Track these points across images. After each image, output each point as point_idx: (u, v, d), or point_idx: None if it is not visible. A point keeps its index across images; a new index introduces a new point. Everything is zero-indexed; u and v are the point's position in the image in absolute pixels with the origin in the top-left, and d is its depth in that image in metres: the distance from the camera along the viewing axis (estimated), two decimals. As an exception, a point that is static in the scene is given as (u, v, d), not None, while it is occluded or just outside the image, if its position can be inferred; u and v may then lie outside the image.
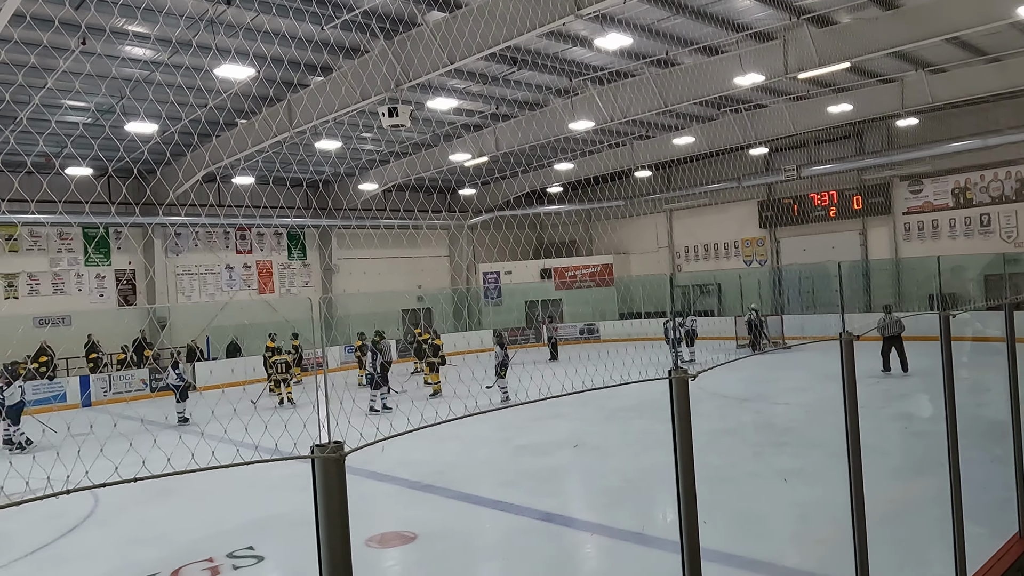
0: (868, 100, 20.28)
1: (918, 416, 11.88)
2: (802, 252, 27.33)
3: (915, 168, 24.42)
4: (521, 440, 11.78)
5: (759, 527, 7.19)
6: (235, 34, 12.72)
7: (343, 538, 1.95)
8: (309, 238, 28.49)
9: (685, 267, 31.24)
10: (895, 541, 6.29)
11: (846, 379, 4.07)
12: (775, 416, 12.57)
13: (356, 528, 1.94)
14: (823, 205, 26.90)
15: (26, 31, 10.66)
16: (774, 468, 9.04)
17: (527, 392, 4.53)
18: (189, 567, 6.97)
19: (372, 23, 13.31)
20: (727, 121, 22.77)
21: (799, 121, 21.79)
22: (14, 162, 19.77)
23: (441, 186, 30.50)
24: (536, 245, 35.03)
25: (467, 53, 13.03)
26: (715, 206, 29.82)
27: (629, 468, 9.65)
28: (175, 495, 9.55)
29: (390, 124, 15.05)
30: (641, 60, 16.76)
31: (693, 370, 3.05)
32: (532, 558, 6.80)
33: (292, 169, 24.52)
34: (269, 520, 8.30)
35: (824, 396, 13.24)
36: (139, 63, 14.11)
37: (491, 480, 9.65)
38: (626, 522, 7.43)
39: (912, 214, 25.15)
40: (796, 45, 15.27)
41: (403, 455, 10.11)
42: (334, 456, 1.95)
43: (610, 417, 13.30)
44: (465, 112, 20.01)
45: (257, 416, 12.94)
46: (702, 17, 14.61)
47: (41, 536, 8.23)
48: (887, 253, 25.59)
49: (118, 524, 8.63)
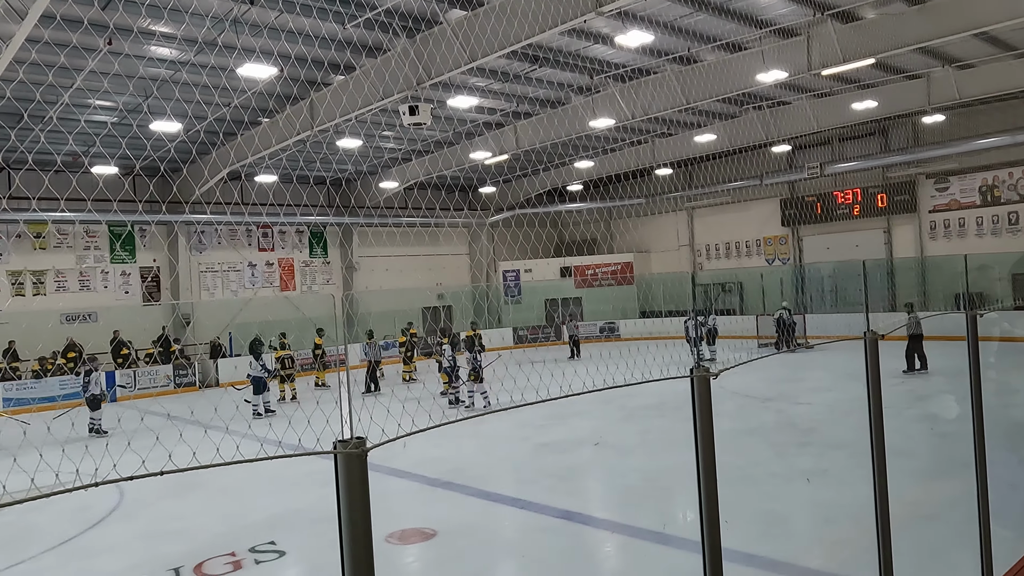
0: (893, 96, 20.00)
1: (944, 417, 11.72)
2: (825, 251, 27.02)
3: (941, 165, 24.05)
4: (541, 438, 11.78)
5: (781, 527, 7.14)
6: (258, 33, 12.84)
7: (365, 533, 1.97)
8: (330, 236, 28.68)
9: (706, 265, 31.04)
10: (920, 543, 6.21)
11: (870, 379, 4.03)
12: (798, 416, 12.46)
13: (376, 524, 1.95)
14: (847, 203, 26.58)
15: (55, 32, 10.82)
16: (796, 468, 8.97)
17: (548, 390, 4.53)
18: (212, 561, 7.06)
19: (394, 21, 13.35)
20: (749, 118, 22.58)
21: (823, 118, 21.55)
22: (44, 161, 20.11)
23: (462, 184, 30.56)
24: (556, 243, 34.98)
25: (488, 51, 13.04)
26: (737, 204, 29.58)
27: (649, 467, 9.62)
28: (199, 489, 9.67)
29: (411, 122, 15.11)
30: (663, 57, 16.67)
31: (715, 368, 3.04)
32: (551, 556, 6.81)
33: (314, 167, 24.70)
34: (291, 515, 8.38)
35: (848, 396, 13.10)
36: (165, 63, 14.27)
37: (510, 478, 9.66)
38: (646, 521, 7.40)
39: (938, 212, 24.78)
40: (820, 41, 15.10)
41: (423, 452, 10.16)
42: (356, 452, 1.96)
43: (631, 416, 13.26)
44: (486, 110, 20.03)
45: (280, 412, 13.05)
46: (724, 13, 14.51)
47: (68, 529, 8.37)
48: (912, 252, 25.24)
49: (143, 518, 8.75)
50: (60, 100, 15.21)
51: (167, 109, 15.75)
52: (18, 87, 12.99)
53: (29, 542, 8.00)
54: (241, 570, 6.85)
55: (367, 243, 28.53)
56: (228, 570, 6.86)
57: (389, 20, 13.25)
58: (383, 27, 13.63)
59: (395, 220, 27.48)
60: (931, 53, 17.22)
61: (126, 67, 13.23)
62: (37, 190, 19.27)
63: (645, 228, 32.60)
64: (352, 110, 15.65)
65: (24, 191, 19.59)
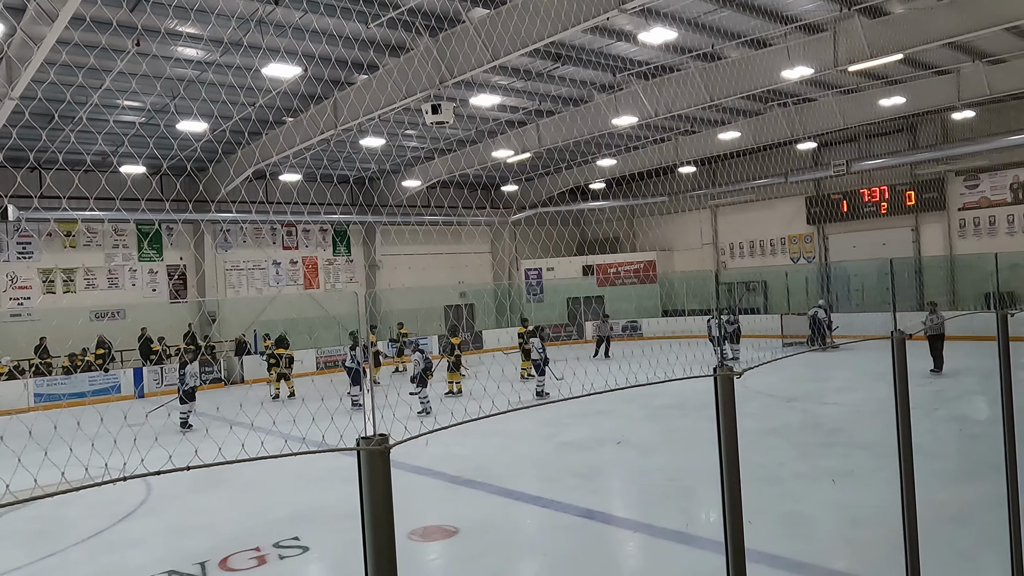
0: (922, 92, 19.69)
1: (973, 418, 11.53)
2: (851, 249, 26.67)
3: (971, 162, 23.62)
4: (563, 437, 11.77)
5: (806, 528, 7.07)
6: (283, 33, 12.95)
7: (388, 530, 1.98)
8: (354, 234, 28.87)
9: (730, 264, 30.78)
10: (948, 546, 6.12)
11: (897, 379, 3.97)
12: (823, 416, 12.33)
13: (399, 521, 1.96)
14: (874, 201, 26.21)
15: (85, 33, 11.00)
16: (822, 469, 8.87)
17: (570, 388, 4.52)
18: (237, 556, 7.14)
19: (417, 20, 13.40)
20: (774, 115, 22.35)
21: (849, 115, 21.27)
22: (74, 161, 20.46)
23: (484, 182, 30.60)
24: (579, 241, 34.91)
25: (511, 49, 13.04)
26: (761, 202, 29.30)
27: (672, 466, 9.57)
28: (225, 485, 9.79)
29: (433, 121, 15.18)
30: (686, 54, 16.55)
31: (738, 368, 3.01)
32: (573, 555, 6.80)
33: (338, 166, 24.87)
34: (315, 511, 8.45)
35: (874, 396, 12.94)
36: (191, 63, 14.45)
37: (533, 476, 9.66)
38: (669, 520, 7.37)
39: (968, 210, 24.35)
40: (847, 37, 14.91)
41: (446, 450, 10.20)
42: (379, 449, 1.98)
43: (653, 415, 13.21)
44: (508, 108, 20.04)
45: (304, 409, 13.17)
46: (749, 9, 14.37)
47: (97, 522, 8.52)
48: (941, 250, 24.82)
49: (170, 512, 8.88)
50: (90, 101, 15.46)
51: (193, 109, 15.96)
52: (49, 88, 13.21)
53: (60, 535, 8.15)
54: (265, 565, 6.92)
55: (390, 241, 28.68)
56: (252, 565, 6.93)
57: (412, 19, 13.30)
58: (406, 26, 13.68)
59: (418, 219, 27.60)
60: (961, 48, 16.93)
61: (153, 68, 13.43)
62: (67, 189, 19.62)
63: (668, 226, 32.41)
64: (375, 109, 15.73)
65: (55, 190, 19.96)
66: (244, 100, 16.38)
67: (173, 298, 24.36)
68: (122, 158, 20.38)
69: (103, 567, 7.10)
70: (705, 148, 24.62)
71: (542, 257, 32.93)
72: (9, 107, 13.39)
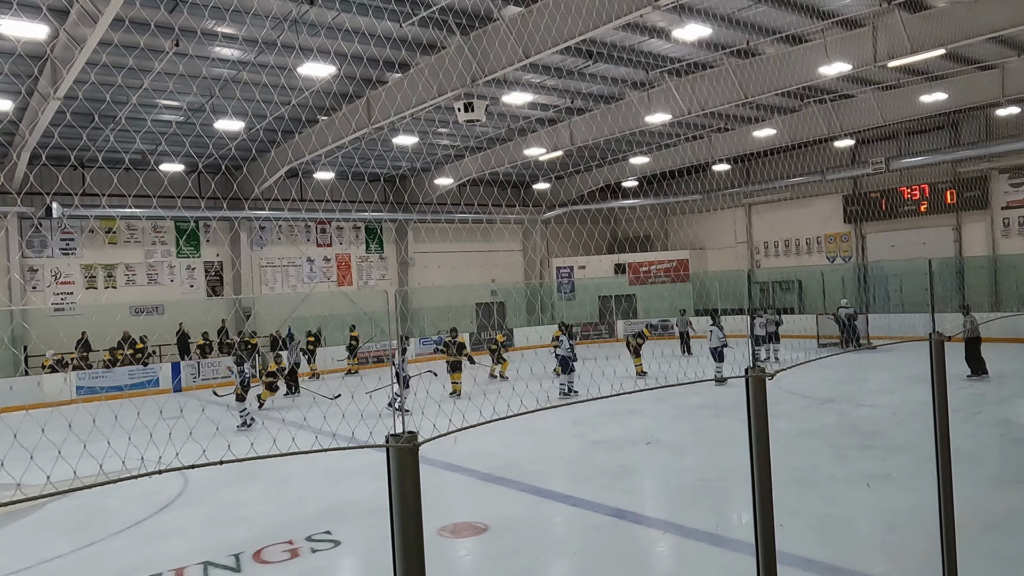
0: (965, 88, 19.21)
1: (1016, 423, 11.23)
2: (890, 248, 26.14)
3: (1016, 160, 23.00)
4: (594, 436, 11.73)
5: (842, 532, 6.95)
6: (317, 33, 13.09)
7: (416, 525, 1.99)
8: (386, 232, 29.09)
9: (764, 263, 30.37)
10: (988, 552, 5.97)
11: (936, 381, 3.89)
12: (860, 418, 12.10)
13: (429, 517, 1.97)
14: (913, 199, 25.64)
15: (124, 34, 11.24)
16: (858, 472, 8.71)
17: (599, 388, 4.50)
18: (270, 548, 7.24)
19: (449, 19, 13.45)
20: (811, 112, 21.99)
21: (888, 111, 20.84)
22: (113, 159, 20.93)
23: (515, 180, 30.61)
24: (610, 239, 34.74)
25: (543, 47, 13.02)
26: (797, 200, 28.86)
27: (704, 467, 9.48)
28: (259, 478, 9.93)
29: (466, 119, 15.21)
30: (721, 51, 16.36)
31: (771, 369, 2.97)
32: (603, 554, 6.77)
33: (370, 164, 25.07)
34: (346, 506, 8.53)
35: (913, 399, 12.68)
36: (227, 63, 14.68)
37: (563, 474, 9.64)
38: (700, 521, 7.30)
39: (1012, 208, 23.71)
40: (887, 31, 14.61)
41: (476, 447, 10.23)
42: (408, 446, 1.99)
43: (685, 415, 13.10)
44: (540, 106, 20.01)
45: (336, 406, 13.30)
46: (785, 5, 14.15)
47: (136, 513, 8.70)
48: (983, 250, 24.21)
49: (206, 504, 9.04)
50: (129, 101, 15.79)
51: (229, 108, 16.22)
52: (90, 89, 13.53)
53: (101, 524, 8.35)
54: (298, 558, 7.01)
55: (422, 239, 28.84)
56: (285, 557, 7.02)
57: (444, 18, 13.35)
58: (439, 25, 13.74)
59: (449, 216, 27.71)
60: (1006, 42, 16.48)
61: (191, 68, 13.67)
62: (107, 187, 20.08)
63: (701, 225, 32.10)
64: (408, 107, 15.83)
65: (95, 188, 20.43)
66: (279, 99, 16.61)
67: (210, 295, 24.80)
68: (160, 157, 20.81)
69: (143, 556, 7.25)
70: (739, 146, 24.33)
71: (573, 255, 32.84)
72: (53, 107, 13.75)
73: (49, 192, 20.21)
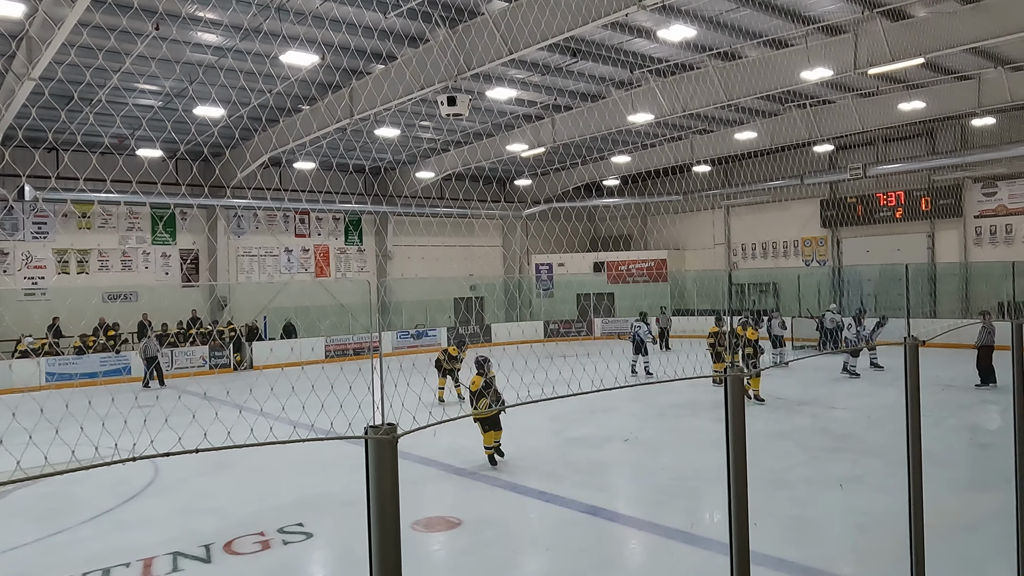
0: (942, 97, 19.49)
1: (985, 428, 11.43)
2: (865, 253, 26.49)
3: (990, 169, 23.40)
4: (571, 432, 11.76)
5: (812, 533, 7.04)
6: (302, 21, 12.97)
7: (394, 519, 1.98)
8: (366, 223, 28.92)
9: (741, 265, 30.63)
10: (956, 555, 6.08)
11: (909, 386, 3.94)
12: (833, 421, 12.26)
13: (403, 511, 1.96)
14: (889, 205, 26.00)
15: (105, 15, 11.06)
16: (830, 474, 8.83)
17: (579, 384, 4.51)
18: (241, 539, 7.18)
19: (435, 12, 13.38)
20: (791, 117, 22.20)
21: (867, 118, 21.09)
22: (91, 143, 20.59)
23: (498, 176, 30.58)
24: (595, 237, 34.84)
25: (528, 43, 13.00)
26: (775, 203, 29.12)
27: (679, 465, 9.55)
28: (232, 469, 9.85)
29: (449, 113, 15.16)
30: (704, 53, 16.44)
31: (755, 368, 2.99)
32: (576, 551, 6.80)
33: (352, 155, 24.92)
34: (320, 498, 8.49)
35: (885, 403, 12.86)
36: (210, 48, 14.49)
37: (539, 471, 9.66)
38: (673, 520, 7.35)
39: (985, 217, 24.12)
40: (868, 39, 14.77)
41: (452, 442, 10.21)
42: (387, 438, 1.97)
43: (662, 414, 13.18)
44: (523, 102, 19.98)
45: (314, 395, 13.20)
46: (769, 9, 14.26)
47: (105, 501, 8.60)
48: (955, 257, 24.61)
49: (177, 494, 8.94)
50: (108, 83, 15.54)
51: (211, 94, 16.00)
52: (68, 69, 13.30)
53: (70, 512, 8.23)
54: (269, 550, 6.96)
55: (402, 232, 28.72)
56: (256, 549, 6.97)
57: (431, 10, 13.28)
58: (424, 17, 13.67)
59: (430, 210, 27.63)
60: (983, 54, 16.74)
61: (173, 52, 13.49)
62: (84, 171, 19.76)
63: (680, 225, 32.29)
64: (391, 99, 15.74)
65: (72, 171, 20.10)
66: (262, 87, 16.43)
67: (185, 282, 24.50)
68: (139, 141, 20.50)
69: (111, 545, 7.16)
70: (721, 148, 24.49)
71: (554, 252, 32.90)
72: (29, 87, 13.47)
73: (23, 174, 19.83)
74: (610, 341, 25.04)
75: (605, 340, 27.68)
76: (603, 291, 31.28)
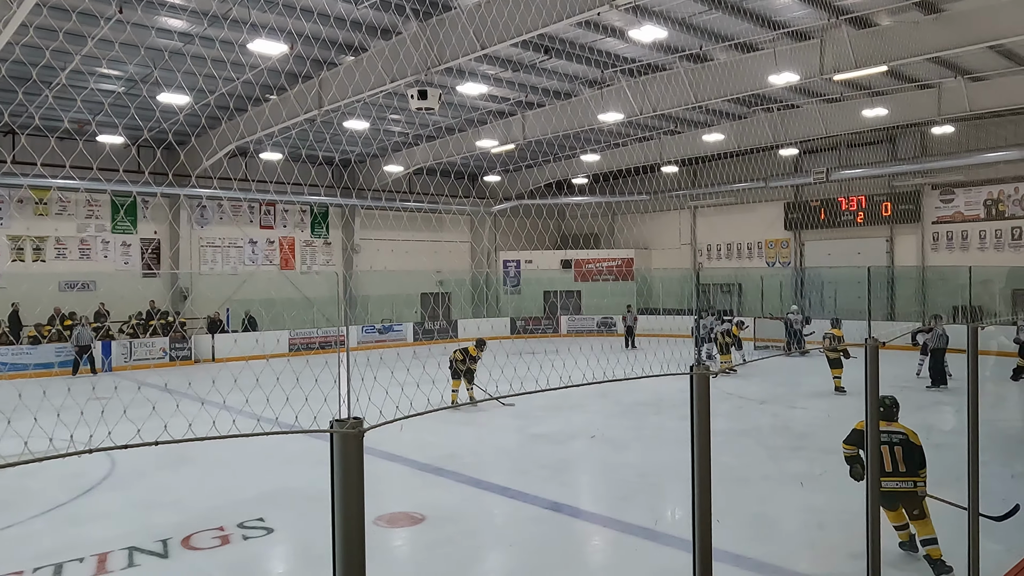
0: (904, 105, 19.93)
1: (939, 428, 11.72)
2: (827, 256, 27.00)
3: (948, 177, 23.99)
4: (536, 429, 11.80)
5: (772, 530, 7.15)
6: (271, 9, 12.76)
7: (358, 513, 1.96)
8: (333, 216, 28.63)
9: (706, 265, 30.99)
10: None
11: (869, 386, 4.02)
12: (793, 420, 12.48)
13: (366, 506, 1.95)
14: (851, 210, 26.52)
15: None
16: (790, 472, 8.98)
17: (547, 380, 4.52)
18: (200, 534, 7.07)
19: (407, 4, 13.27)
20: (758, 120, 22.50)
21: (832, 123, 21.47)
22: (50, 127, 20.04)
23: (468, 171, 30.50)
24: (563, 234, 34.95)
25: (500, 39, 12.97)
26: (741, 205, 29.52)
27: (643, 463, 9.64)
28: (192, 463, 9.69)
29: (419, 107, 15.04)
30: (675, 54, 16.58)
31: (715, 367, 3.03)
32: (539, 547, 6.82)
33: (321, 147, 24.62)
34: (282, 493, 8.39)
35: (844, 402, 13.13)
36: (175, 34, 14.19)
37: (503, 467, 9.68)
38: (637, 516, 7.42)
39: (942, 223, 24.73)
40: (833, 45, 15.02)
41: (417, 437, 10.18)
42: (353, 432, 1.95)
43: (627, 411, 13.28)
44: (494, 98, 19.94)
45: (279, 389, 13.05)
46: (739, 12, 14.42)
47: (59, 495, 8.39)
48: (914, 261, 25.21)
49: (134, 488, 8.77)
50: (69, 66, 15.12)
51: (177, 80, 15.67)
52: (27, 51, 12.92)
53: (20, 506, 8.02)
54: (228, 545, 6.87)
55: (370, 226, 28.48)
56: (216, 544, 6.87)
57: (403, 2, 13.18)
58: (397, 9, 13.55)
59: (399, 204, 27.45)
60: (945, 63, 17.14)
61: (137, 36, 13.17)
62: (42, 155, 19.22)
63: (647, 225, 32.55)
64: (362, 91, 15.59)
65: (31, 155, 19.54)
66: (229, 75, 16.13)
67: (146, 271, 24.01)
68: (100, 126, 20.00)
69: (64, 540, 6.99)
70: (688, 149, 24.72)
71: (524, 249, 32.94)
72: (-16, 68, 13.06)
73: (-24, 157, 19.24)
74: (578, 338, 25.17)
75: (573, 337, 27.82)
76: (571, 289, 31.42)
